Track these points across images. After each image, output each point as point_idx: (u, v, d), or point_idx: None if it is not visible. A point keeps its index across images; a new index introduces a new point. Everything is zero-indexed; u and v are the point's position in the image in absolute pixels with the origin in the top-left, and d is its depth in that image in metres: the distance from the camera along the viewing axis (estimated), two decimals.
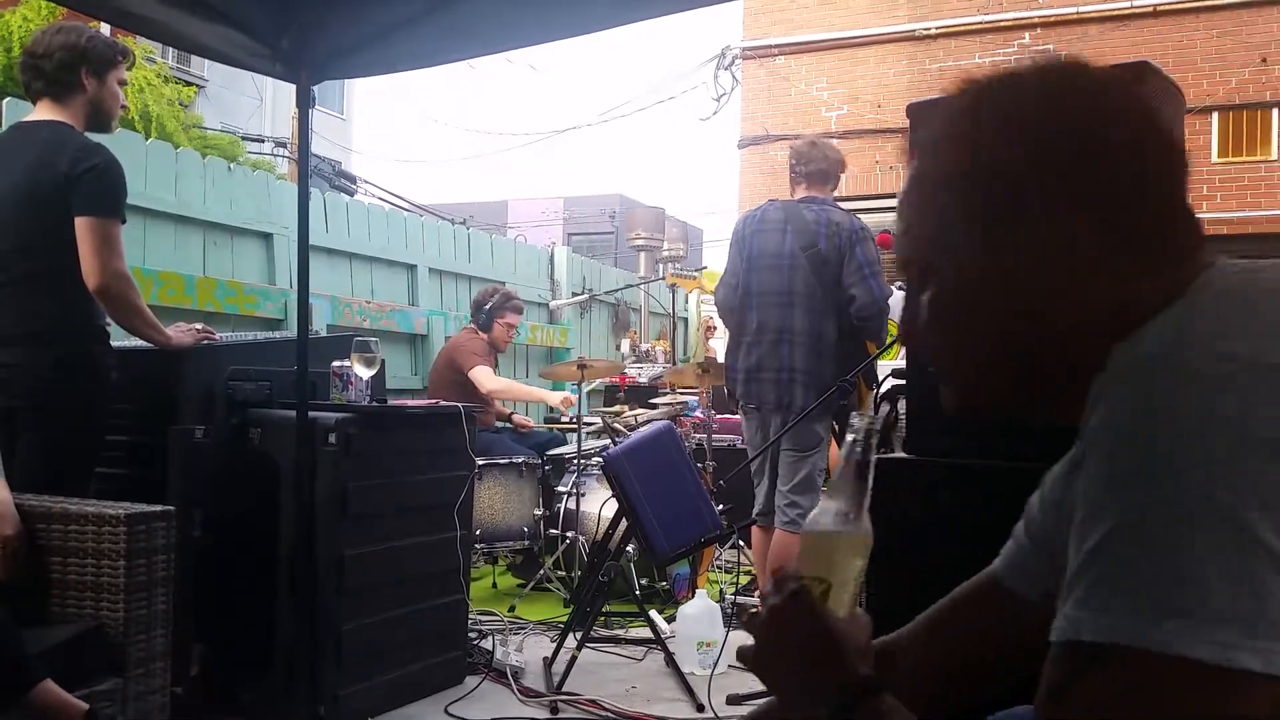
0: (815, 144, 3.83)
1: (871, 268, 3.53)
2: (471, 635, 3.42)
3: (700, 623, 3.35)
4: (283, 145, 13.84)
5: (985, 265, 0.80)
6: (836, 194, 3.85)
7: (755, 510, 3.75)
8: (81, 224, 2.47)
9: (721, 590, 4.38)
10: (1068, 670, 0.63)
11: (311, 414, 2.70)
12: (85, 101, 2.62)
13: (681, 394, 5.52)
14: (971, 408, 0.88)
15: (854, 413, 0.91)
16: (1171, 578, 0.59)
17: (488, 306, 4.96)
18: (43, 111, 2.61)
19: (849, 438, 0.90)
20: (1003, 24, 9.52)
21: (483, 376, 4.73)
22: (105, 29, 4.36)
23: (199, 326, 2.92)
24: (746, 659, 0.90)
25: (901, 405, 2.24)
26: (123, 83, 2.72)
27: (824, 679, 0.83)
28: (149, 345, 2.75)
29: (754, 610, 0.91)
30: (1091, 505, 0.65)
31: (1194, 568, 0.58)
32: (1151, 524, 0.61)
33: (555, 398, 5.13)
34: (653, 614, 3.50)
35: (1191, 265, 0.76)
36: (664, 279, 8.06)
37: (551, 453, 4.81)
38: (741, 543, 4.62)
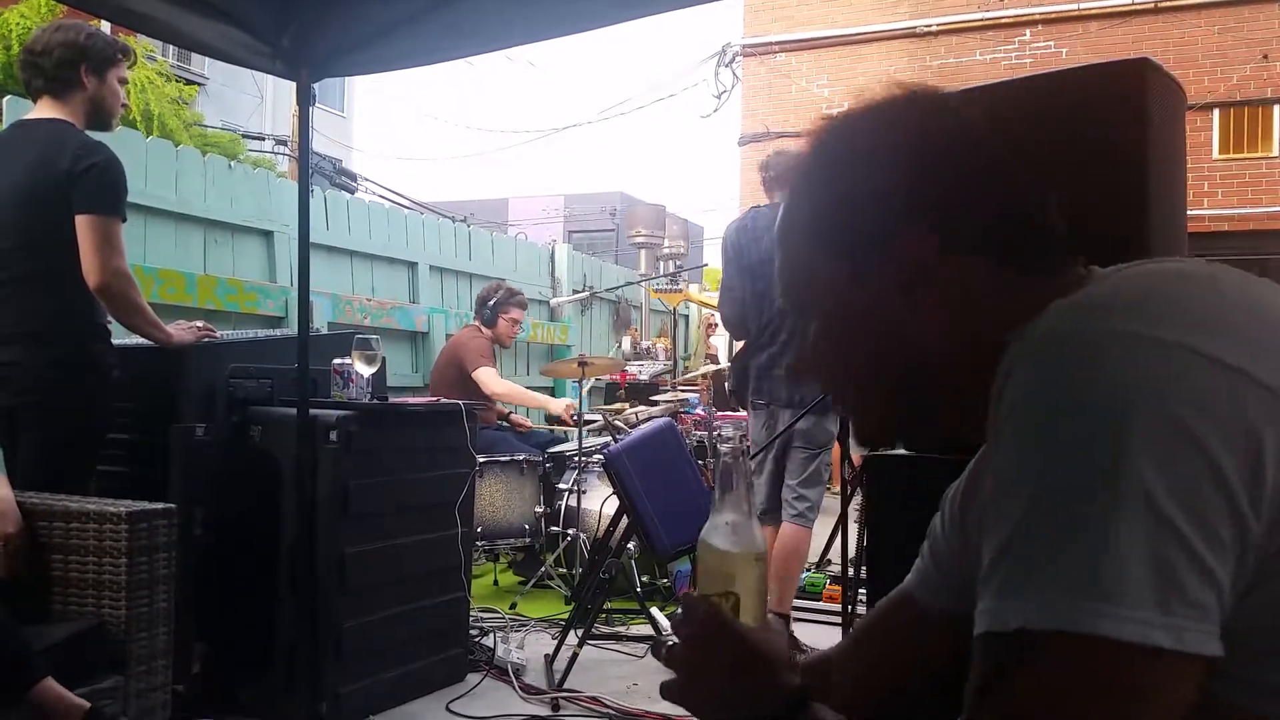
0: (776, 152, 3.96)
1: None
2: (473, 633, 3.43)
3: None
4: (283, 143, 13.83)
5: (854, 298, 0.80)
6: None
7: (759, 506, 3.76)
8: (82, 222, 2.47)
9: None
10: (991, 661, 0.63)
11: (312, 411, 2.70)
12: (86, 99, 2.62)
13: (682, 390, 5.52)
14: (872, 438, 0.88)
15: (726, 423, 0.91)
16: (1087, 558, 0.59)
17: (492, 302, 4.95)
18: (43, 109, 2.61)
19: (723, 448, 0.90)
20: (1003, 21, 9.51)
21: (488, 378, 4.73)
22: (106, 27, 4.37)
23: (199, 324, 2.92)
24: (673, 693, 0.87)
25: None
26: (123, 81, 2.72)
27: (754, 695, 0.82)
28: (150, 343, 2.75)
29: (669, 643, 0.89)
30: (1003, 491, 0.65)
31: (1108, 546, 0.59)
32: (1063, 504, 0.61)
33: (558, 405, 5.09)
34: (654, 611, 3.49)
35: (1068, 276, 0.78)
36: (641, 283, 8.07)
37: (552, 450, 4.81)
38: None
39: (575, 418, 4.77)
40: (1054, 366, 0.65)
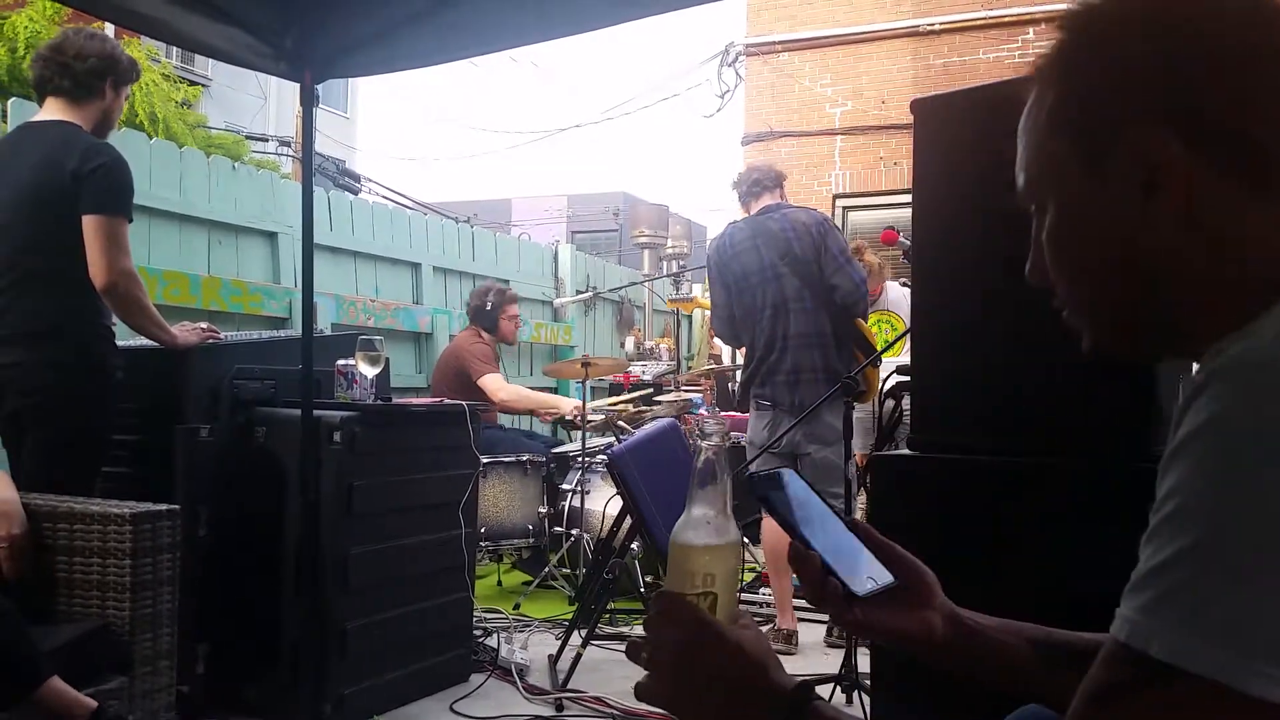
0: (748, 168, 4.05)
1: (845, 254, 3.69)
2: (476, 633, 3.43)
3: None
4: (287, 144, 13.84)
5: (1087, 195, 0.75)
6: (843, 190, 3.99)
7: None
8: (89, 222, 2.48)
9: None
10: (1127, 677, 0.61)
11: (316, 412, 2.70)
12: (100, 109, 2.67)
13: (686, 391, 5.52)
14: (1095, 345, 0.82)
15: (707, 418, 0.89)
16: (1261, 612, 0.56)
17: (489, 306, 4.93)
18: (53, 110, 2.62)
19: (702, 443, 0.88)
20: (1006, 19, 9.46)
21: (494, 385, 4.72)
22: (109, 29, 4.37)
23: (204, 326, 2.93)
24: (652, 696, 0.84)
25: (905, 402, 2.25)
26: (127, 97, 2.78)
27: (751, 699, 0.80)
28: (154, 344, 2.76)
29: (639, 640, 0.86)
30: (1179, 508, 0.61)
31: (1277, 601, 0.56)
32: (1243, 547, 0.58)
33: (568, 405, 5.06)
34: None
35: None
36: (644, 283, 8.08)
37: (556, 450, 4.81)
38: (747, 540, 4.62)
39: (580, 418, 4.77)
40: (1249, 400, 0.61)
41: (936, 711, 1.79)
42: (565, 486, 4.50)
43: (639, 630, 0.87)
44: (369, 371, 2.97)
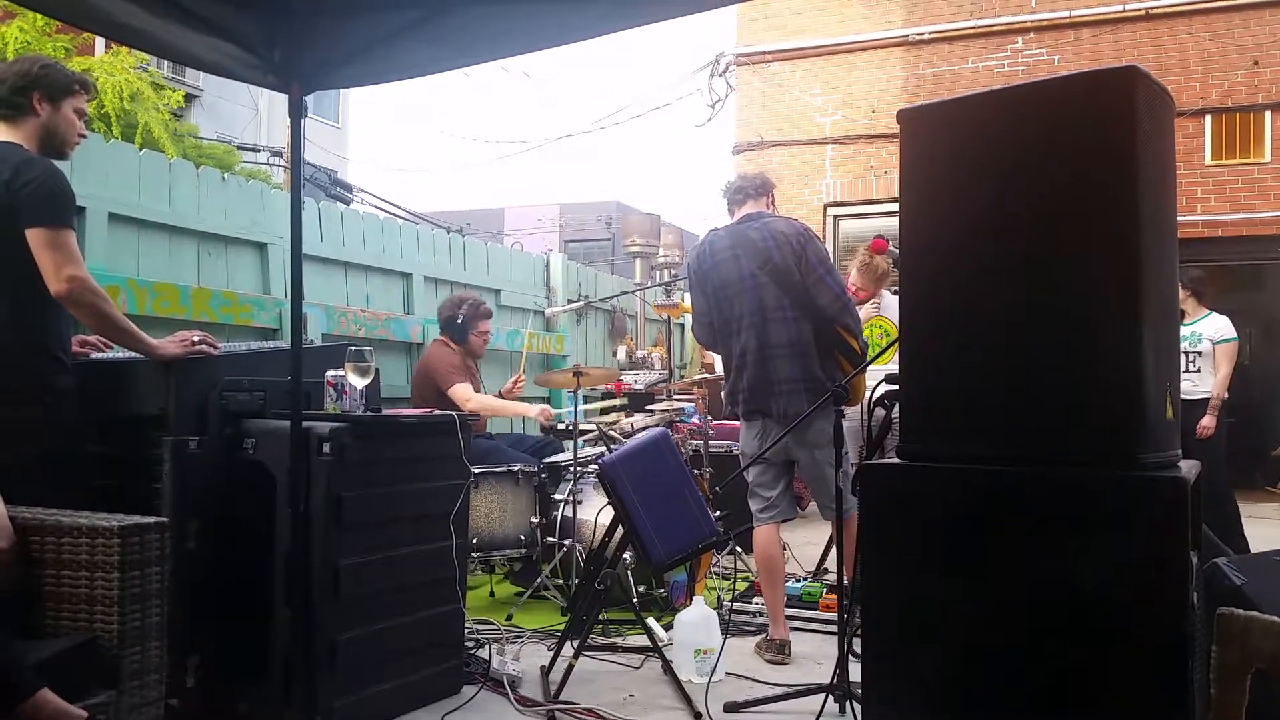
0: (739, 175, 4.05)
1: (825, 265, 3.66)
2: (468, 644, 3.41)
3: (698, 630, 3.34)
4: (278, 155, 13.83)
5: None
6: (834, 199, 3.97)
7: (759, 509, 3.72)
8: (33, 236, 2.50)
9: (719, 597, 4.37)
10: None
11: (306, 424, 2.69)
12: (38, 125, 2.65)
13: (678, 399, 5.52)
14: None
15: None
16: None
17: (460, 320, 4.89)
18: None
19: None
20: (995, 29, 9.50)
21: (463, 395, 4.68)
22: (100, 44, 4.36)
23: (198, 335, 2.89)
24: None
25: (895, 410, 2.25)
26: (81, 112, 2.76)
27: None
28: (141, 356, 2.74)
29: None
30: None
31: None
32: None
33: (532, 410, 5.04)
34: (650, 621, 3.49)
35: None
36: (636, 292, 8.09)
37: (548, 460, 4.80)
38: (739, 549, 4.61)
39: (553, 423, 4.76)
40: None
41: None
42: (557, 496, 4.48)
43: (631, 640, 0.88)
44: (359, 382, 2.96)
